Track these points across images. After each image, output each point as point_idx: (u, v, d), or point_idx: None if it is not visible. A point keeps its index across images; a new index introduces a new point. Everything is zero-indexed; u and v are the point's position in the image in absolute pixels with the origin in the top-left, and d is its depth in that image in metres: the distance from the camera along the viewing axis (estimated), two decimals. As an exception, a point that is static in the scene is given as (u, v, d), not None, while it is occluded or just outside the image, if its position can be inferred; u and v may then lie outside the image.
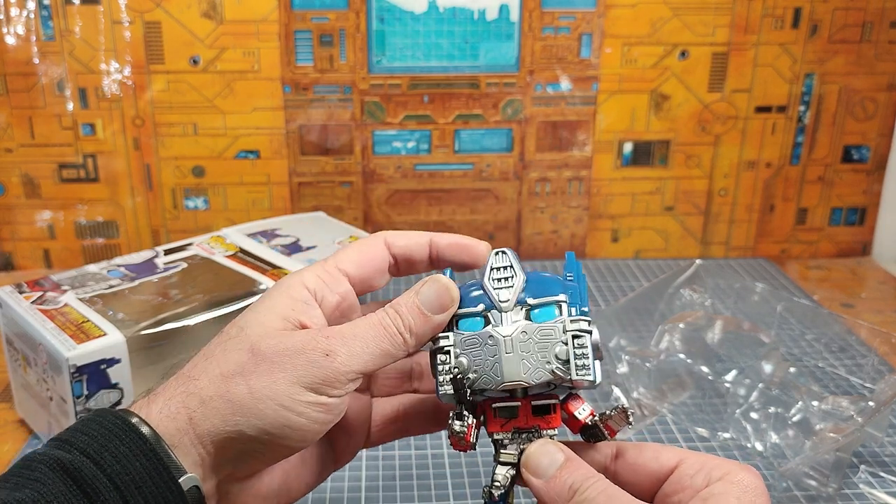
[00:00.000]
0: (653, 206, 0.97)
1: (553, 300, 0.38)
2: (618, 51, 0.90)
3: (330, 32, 0.87)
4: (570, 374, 0.37)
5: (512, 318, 0.38)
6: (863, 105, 0.95)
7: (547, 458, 0.37)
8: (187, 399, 0.36)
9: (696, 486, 0.37)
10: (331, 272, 0.41)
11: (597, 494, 0.35)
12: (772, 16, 0.90)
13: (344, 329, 0.37)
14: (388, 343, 0.37)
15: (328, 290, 0.40)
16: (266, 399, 0.36)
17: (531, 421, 0.38)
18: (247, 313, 0.39)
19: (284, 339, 0.37)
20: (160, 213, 0.93)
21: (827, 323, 0.75)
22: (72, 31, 0.85)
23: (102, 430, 0.35)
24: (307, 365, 0.36)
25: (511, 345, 0.37)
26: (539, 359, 0.37)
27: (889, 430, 0.63)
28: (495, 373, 0.37)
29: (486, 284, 0.39)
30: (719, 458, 0.38)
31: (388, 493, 0.57)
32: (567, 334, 0.37)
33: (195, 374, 0.37)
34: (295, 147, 0.91)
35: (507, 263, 0.39)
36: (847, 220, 1.00)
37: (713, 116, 0.94)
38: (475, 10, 0.87)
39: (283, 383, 0.36)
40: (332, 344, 0.36)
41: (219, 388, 0.36)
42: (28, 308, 0.59)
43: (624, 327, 0.71)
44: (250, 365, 0.36)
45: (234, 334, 0.38)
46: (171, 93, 0.88)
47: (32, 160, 0.89)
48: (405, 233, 0.43)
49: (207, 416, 0.36)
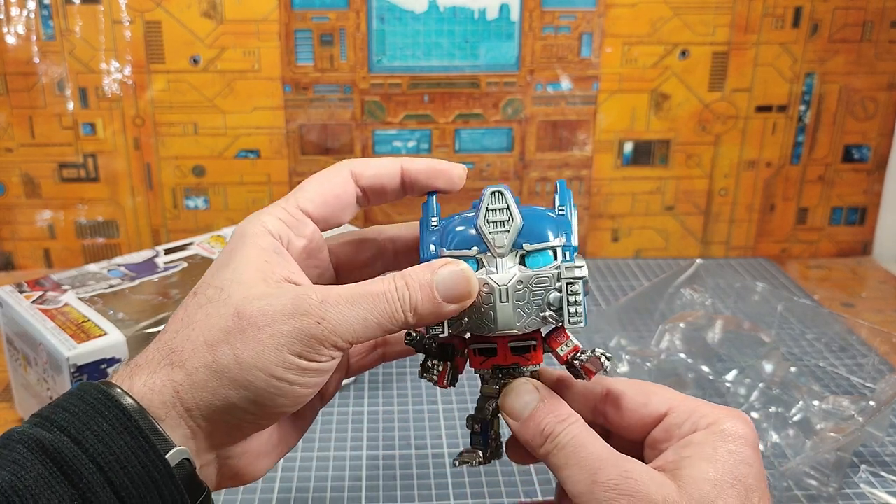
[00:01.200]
0: (653, 205, 0.97)
1: (549, 246, 0.37)
2: (618, 50, 0.90)
3: (330, 32, 0.87)
4: (562, 321, 0.37)
5: (507, 263, 0.37)
6: (863, 104, 0.94)
7: (521, 399, 0.37)
8: (172, 371, 0.34)
9: (682, 434, 0.36)
10: (292, 213, 0.38)
11: (568, 440, 0.35)
12: (772, 15, 0.90)
13: (341, 294, 0.35)
14: (387, 318, 0.35)
15: (293, 234, 0.38)
16: (254, 369, 0.34)
17: (511, 359, 0.38)
18: (218, 270, 0.37)
19: (272, 301, 0.34)
20: (160, 213, 0.92)
21: (827, 322, 0.75)
22: (72, 30, 0.85)
23: (84, 406, 0.33)
24: (298, 332, 0.34)
25: (506, 294, 0.37)
26: (533, 307, 0.37)
27: (890, 429, 0.63)
28: (489, 320, 0.37)
29: (482, 226, 0.37)
30: (710, 405, 0.37)
31: (388, 493, 0.57)
32: (562, 282, 0.36)
33: (177, 345, 0.35)
34: (295, 147, 0.91)
35: (504, 205, 0.38)
36: (847, 220, 1.00)
37: (713, 116, 0.94)
38: (475, 9, 0.87)
39: (271, 351, 0.34)
40: (326, 311, 0.34)
41: (204, 359, 0.34)
42: (28, 308, 0.59)
43: (624, 327, 0.71)
44: (236, 330, 0.34)
45: (214, 296, 0.35)
46: (172, 92, 0.88)
47: (33, 160, 0.89)
48: (373, 161, 0.40)
49: (194, 389, 0.34)
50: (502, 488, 0.57)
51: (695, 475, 0.34)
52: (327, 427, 0.64)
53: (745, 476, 0.34)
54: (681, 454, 0.35)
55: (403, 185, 0.40)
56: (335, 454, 0.61)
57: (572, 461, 0.35)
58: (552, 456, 0.36)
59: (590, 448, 0.35)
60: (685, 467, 0.35)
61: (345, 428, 0.64)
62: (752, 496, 0.34)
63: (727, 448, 0.35)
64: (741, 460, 0.35)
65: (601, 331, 0.70)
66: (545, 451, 0.36)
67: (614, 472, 0.34)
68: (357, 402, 0.68)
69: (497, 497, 0.57)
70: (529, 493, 0.57)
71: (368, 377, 0.71)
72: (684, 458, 0.35)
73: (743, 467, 0.35)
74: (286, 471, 0.59)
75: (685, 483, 0.34)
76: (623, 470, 0.34)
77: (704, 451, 0.35)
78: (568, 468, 0.35)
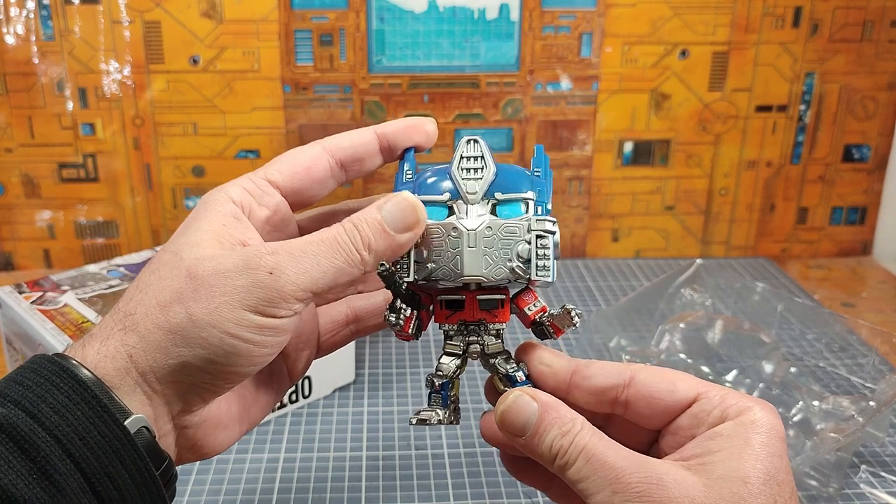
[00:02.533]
0: (653, 205, 0.97)
1: (521, 197, 0.37)
2: (618, 50, 0.90)
3: (330, 32, 0.87)
4: (529, 273, 0.36)
5: (478, 211, 0.37)
6: (863, 104, 0.94)
7: (522, 416, 0.35)
8: (125, 336, 0.33)
9: (711, 422, 0.34)
10: (258, 184, 0.38)
11: (578, 453, 0.33)
12: (772, 15, 0.90)
13: (292, 244, 0.34)
14: (343, 260, 0.34)
15: (255, 203, 0.38)
16: (208, 326, 0.33)
17: (477, 314, 0.38)
18: (177, 237, 0.36)
19: (223, 259, 0.34)
20: (160, 213, 0.92)
21: (827, 322, 0.75)
22: (71, 30, 0.85)
23: (38, 379, 0.32)
24: (250, 285, 0.33)
25: (474, 239, 0.36)
26: (501, 256, 0.36)
27: (890, 429, 0.63)
28: (455, 266, 0.36)
29: (455, 173, 0.37)
30: (740, 393, 0.35)
31: (388, 493, 0.57)
32: (531, 233, 0.36)
33: (131, 309, 0.34)
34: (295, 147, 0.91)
35: (479, 154, 0.37)
36: (848, 220, 0.99)
37: (713, 116, 0.93)
38: (475, 9, 0.87)
39: (225, 308, 0.33)
40: (277, 261, 0.33)
41: (157, 320, 0.33)
42: (28, 308, 0.59)
43: (624, 327, 0.71)
44: (188, 290, 0.33)
45: (168, 260, 0.35)
46: (171, 92, 0.88)
47: (32, 160, 0.89)
48: (346, 133, 0.40)
49: (148, 351, 0.33)
50: (502, 489, 0.57)
51: (725, 472, 0.32)
52: (327, 427, 0.64)
53: (776, 471, 0.33)
54: (708, 447, 0.33)
55: (381, 150, 0.40)
56: (335, 454, 0.61)
57: (587, 473, 0.33)
58: (566, 471, 0.34)
59: (603, 457, 0.33)
60: (713, 462, 0.33)
61: (345, 428, 0.64)
62: (783, 491, 0.33)
63: (759, 441, 0.33)
64: (773, 453, 0.33)
65: (601, 331, 0.70)
66: (558, 466, 0.34)
67: (635, 479, 0.32)
68: (357, 402, 0.68)
69: (497, 497, 0.56)
70: (529, 493, 0.57)
71: (368, 377, 0.71)
72: (712, 451, 0.33)
73: (775, 460, 0.33)
74: (286, 471, 0.59)
75: (713, 481, 0.32)
76: (644, 474, 0.32)
77: (735, 445, 0.33)
78: (584, 481, 0.33)
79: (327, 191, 0.40)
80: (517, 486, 0.57)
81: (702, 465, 0.33)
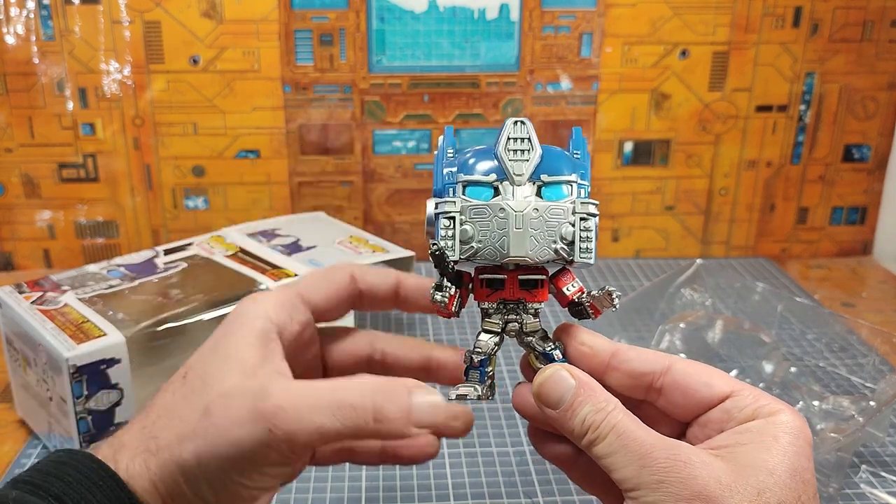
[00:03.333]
0: (653, 205, 0.97)
1: (566, 179, 0.37)
2: (618, 50, 0.90)
3: (330, 32, 0.87)
4: (573, 255, 0.37)
5: (524, 192, 0.37)
6: (863, 104, 0.94)
7: (558, 389, 0.36)
8: (148, 460, 0.35)
9: (742, 419, 0.35)
10: (294, 302, 0.40)
11: (610, 430, 0.34)
12: (772, 15, 0.90)
13: (303, 399, 0.35)
14: (349, 430, 0.35)
15: (290, 320, 0.39)
16: (215, 470, 0.35)
17: (517, 293, 0.38)
18: (208, 355, 0.38)
19: (233, 402, 0.35)
20: (160, 213, 0.92)
21: (828, 322, 0.75)
22: (71, 30, 0.85)
23: (79, 476, 0.34)
24: (250, 440, 0.34)
25: (522, 220, 0.36)
26: (546, 237, 0.37)
27: (890, 429, 0.63)
28: (501, 246, 0.37)
29: (501, 154, 0.37)
30: (772, 396, 0.36)
31: (388, 493, 0.57)
32: (576, 216, 0.37)
33: (157, 432, 0.36)
34: (295, 147, 0.91)
35: (526, 135, 0.37)
36: (848, 220, 0.99)
37: (714, 116, 0.93)
38: (475, 9, 0.87)
39: (226, 459, 0.35)
40: (279, 418, 0.34)
41: (173, 454, 0.35)
42: (28, 308, 0.59)
43: (624, 327, 0.71)
44: (200, 429, 0.35)
45: (197, 387, 0.37)
46: (171, 92, 0.88)
47: (32, 160, 0.89)
48: (373, 269, 0.42)
49: (165, 481, 0.35)
50: (502, 489, 0.57)
51: (752, 461, 0.33)
52: (327, 427, 0.64)
53: (803, 470, 0.33)
54: (737, 440, 0.34)
55: (397, 300, 0.42)
56: (335, 454, 0.61)
57: (616, 448, 0.34)
58: (595, 446, 0.34)
59: (633, 434, 0.34)
60: (742, 453, 0.33)
61: (345, 428, 0.64)
62: (808, 490, 0.33)
63: (787, 439, 0.34)
64: (800, 453, 0.34)
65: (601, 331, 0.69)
66: (587, 441, 0.35)
67: (663, 455, 0.33)
68: (357, 402, 0.68)
69: (497, 497, 0.56)
70: (529, 493, 0.57)
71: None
72: (741, 444, 0.34)
73: (802, 459, 0.33)
74: (286, 471, 0.59)
75: (741, 468, 0.33)
76: (672, 452, 0.33)
77: (764, 439, 0.34)
78: (612, 455, 0.34)
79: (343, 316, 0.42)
80: (517, 486, 0.58)
81: (730, 454, 0.34)
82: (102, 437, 0.56)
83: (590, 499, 0.56)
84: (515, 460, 0.60)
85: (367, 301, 0.42)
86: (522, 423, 0.65)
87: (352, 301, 0.42)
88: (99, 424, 0.56)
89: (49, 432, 0.60)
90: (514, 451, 0.61)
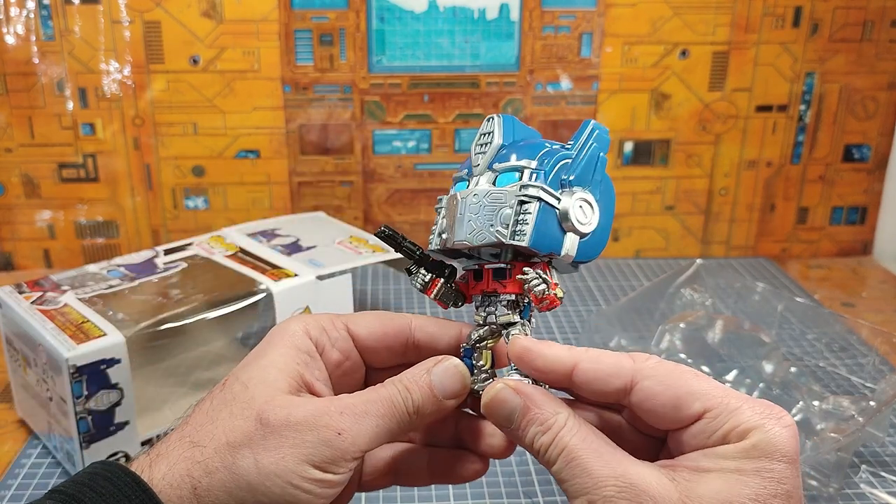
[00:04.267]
0: (653, 205, 0.97)
1: (512, 166, 0.37)
2: (618, 50, 0.90)
3: (330, 32, 0.87)
4: (507, 237, 0.36)
5: (481, 181, 0.38)
6: (863, 104, 0.94)
7: (505, 409, 0.35)
8: (192, 467, 0.35)
9: (715, 442, 0.33)
10: (337, 327, 0.40)
11: (557, 453, 0.33)
12: (772, 15, 0.90)
13: (356, 404, 0.36)
14: (396, 422, 0.36)
15: (330, 344, 0.39)
16: (273, 476, 0.34)
17: (492, 285, 0.39)
18: (250, 365, 0.38)
19: (294, 410, 0.35)
20: (160, 213, 0.92)
21: (828, 322, 0.75)
22: (71, 30, 0.85)
23: (111, 489, 0.34)
24: (318, 443, 0.35)
25: (463, 206, 0.37)
26: (485, 221, 0.37)
27: (890, 429, 0.63)
28: (451, 233, 0.38)
29: (472, 148, 0.39)
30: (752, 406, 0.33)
31: (388, 493, 0.57)
32: (515, 199, 0.36)
33: (200, 440, 0.35)
34: (295, 147, 0.91)
35: (490, 130, 0.39)
36: (848, 220, 0.99)
37: (714, 115, 0.93)
38: (475, 9, 0.87)
39: (291, 460, 0.34)
40: (344, 422, 0.35)
41: (224, 460, 0.35)
42: (28, 308, 0.59)
43: (624, 327, 0.71)
44: (258, 437, 0.35)
45: (239, 393, 0.36)
46: (171, 92, 0.88)
47: (32, 160, 0.89)
48: (435, 319, 0.41)
49: (212, 489, 0.35)
50: (502, 489, 0.57)
51: (706, 493, 0.32)
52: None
53: (771, 496, 0.31)
54: (702, 464, 0.33)
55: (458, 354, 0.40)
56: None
57: (566, 476, 0.33)
58: (550, 469, 0.34)
59: (582, 462, 0.33)
60: (703, 483, 0.32)
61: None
62: None
63: (754, 467, 0.32)
64: (770, 479, 0.32)
65: (601, 331, 0.70)
66: (543, 462, 0.34)
67: (611, 490, 0.32)
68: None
69: (497, 497, 0.56)
70: (529, 493, 0.57)
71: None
72: (703, 471, 0.32)
73: (770, 486, 0.32)
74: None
75: (693, 499, 0.32)
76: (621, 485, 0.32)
77: (727, 469, 0.32)
78: (565, 483, 0.33)
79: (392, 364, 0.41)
80: (517, 486, 0.57)
81: (687, 481, 0.32)
82: (102, 438, 0.56)
83: (590, 499, 0.56)
84: (515, 460, 0.60)
85: (424, 354, 0.40)
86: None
87: (405, 350, 0.41)
88: (99, 424, 0.56)
89: (49, 432, 0.60)
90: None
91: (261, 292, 0.63)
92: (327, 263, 0.68)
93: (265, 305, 0.62)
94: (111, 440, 0.56)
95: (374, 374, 0.42)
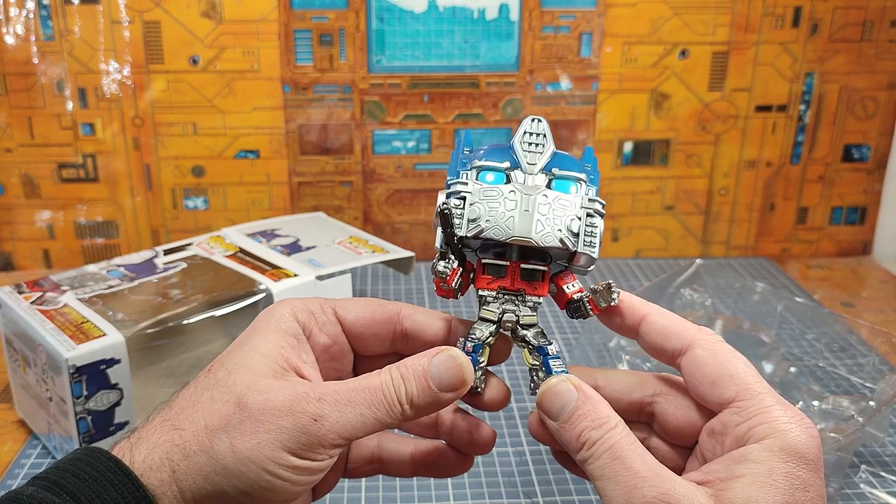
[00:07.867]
0: (653, 205, 0.97)
1: (576, 176, 0.39)
2: (618, 50, 0.90)
3: (330, 32, 0.87)
4: (577, 245, 0.37)
5: (535, 180, 0.38)
6: (863, 104, 0.94)
7: (560, 400, 0.35)
8: (171, 450, 0.35)
9: (738, 437, 0.34)
10: (326, 311, 0.39)
11: (604, 450, 0.34)
12: (772, 15, 0.90)
13: (339, 391, 0.35)
14: (385, 413, 0.35)
15: (318, 327, 0.39)
16: (248, 462, 0.34)
17: (517, 284, 0.39)
18: (235, 351, 0.37)
19: (273, 395, 0.35)
20: (160, 213, 0.92)
21: (827, 322, 0.75)
22: (71, 30, 0.85)
23: (94, 473, 0.33)
24: (293, 429, 0.34)
25: (530, 203, 0.37)
26: (552, 224, 0.37)
27: (890, 429, 0.63)
28: (508, 225, 0.37)
29: (517, 145, 0.39)
30: (781, 407, 0.34)
31: (388, 493, 0.57)
32: (583, 210, 0.38)
33: (180, 423, 0.35)
34: (295, 147, 0.91)
35: (542, 132, 0.39)
36: (847, 220, 0.99)
37: (713, 115, 0.93)
38: (475, 9, 0.87)
39: (266, 446, 0.34)
40: (322, 409, 0.34)
41: (202, 443, 0.34)
42: (27, 308, 0.59)
43: (624, 327, 0.71)
44: (235, 420, 0.34)
45: (222, 378, 0.36)
46: (171, 93, 0.88)
47: (32, 160, 0.89)
48: (424, 309, 0.41)
49: (189, 472, 0.34)
50: (502, 489, 0.57)
51: (740, 500, 0.32)
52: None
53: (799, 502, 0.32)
54: (732, 470, 0.33)
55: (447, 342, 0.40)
56: (335, 455, 0.61)
57: (608, 474, 0.33)
58: (589, 464, 0.34)
59: (628, 462, 0.33)
60: (732, 489, 0.32)
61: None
62: None
63: (784, 470, 0.32)
64: (798, 485, 0.32)
65: (601, 331, 0.70)
66: (581, 457, 0.34)
67: (651, 493, 0.32)
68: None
69: (497, 497, 0.56)
70: (529, 493, 0.57)
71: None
72: (735, 477, 0.33)
73: (798, 493, 0.32)
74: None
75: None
76: (661, 491, 0.32)
77: (759, 472, 0.32)
78: (603, 480, 0.33)
79: (381, 352, 0.41)
80: (517, 486, 0.58)
81: (723, 490, 0.32)
82: (102, 438, 0.56)
83: (589, 499, 0.56)
84: (515, 460, 0.60)
85: (412, 342, 0.40)
86: (523, 424, 0.65)
87: (393, 338, 0.40)
88: (99, 424, 0.56)
89: (49, 432, 0.60)
90: (513, 452, 0.61)
91: (260, 292, 0.63)
92: (327, 263, 0.68)
93: (265, 305, 0.62)
94: (111, 440, 0.56)
95: (363, 362, 0.42)
